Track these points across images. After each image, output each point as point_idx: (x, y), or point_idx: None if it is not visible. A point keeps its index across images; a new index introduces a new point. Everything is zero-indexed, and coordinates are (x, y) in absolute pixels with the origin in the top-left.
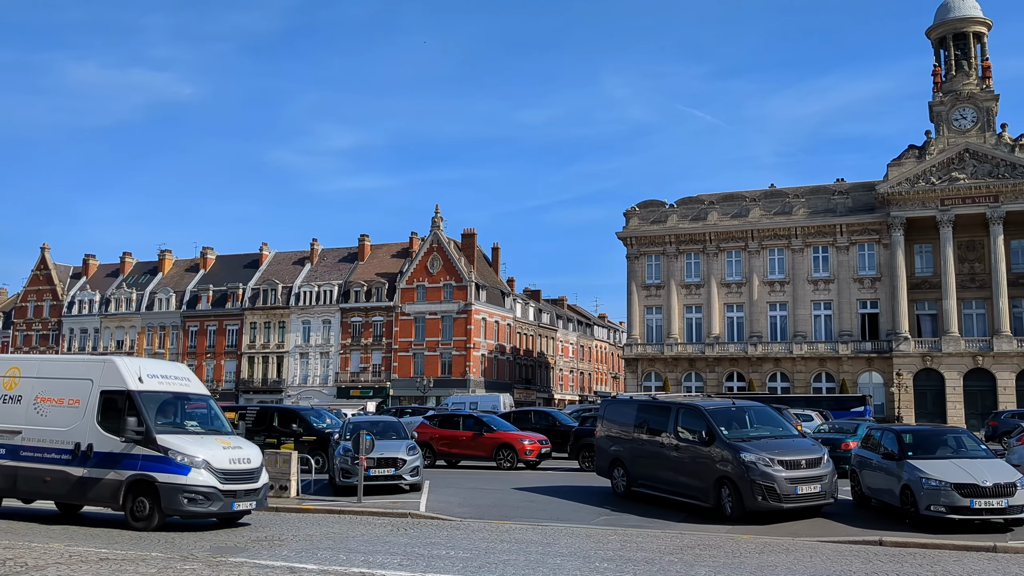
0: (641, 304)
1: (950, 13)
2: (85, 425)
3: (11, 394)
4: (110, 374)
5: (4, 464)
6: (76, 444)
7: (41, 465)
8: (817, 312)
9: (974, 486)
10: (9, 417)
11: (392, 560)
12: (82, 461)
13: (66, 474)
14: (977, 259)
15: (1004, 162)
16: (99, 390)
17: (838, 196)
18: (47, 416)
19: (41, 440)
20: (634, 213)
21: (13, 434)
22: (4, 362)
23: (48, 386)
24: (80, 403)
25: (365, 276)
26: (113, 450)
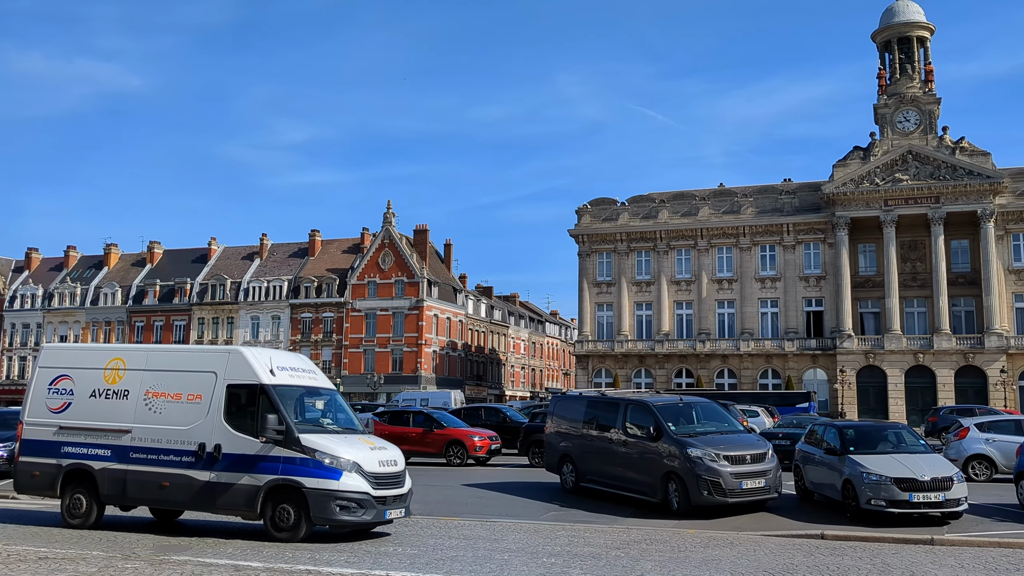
0: (592, 301)
1: (895, 17)
2: (210, 423)
3: (115, 388)
4: (237, 366)
5: (110, 467)
6: (200, 444)
7: (157, 468)
8: (764, 310)
9: (913, 480)
10: (114, 414)
11: (339, 557)
12: (208, 464)
13: (189, 478)
14: (919, 259)
15: (945, 164)
16: (225, 384)
17: (785, 196)
18: (162, 413)
19: (156, 440)
20: (586, 211)
21: (120, 433)
22: (105, 352)
23: (161, 379)
24: (202, 398)
25: (316, 272)
26: (247, 451)
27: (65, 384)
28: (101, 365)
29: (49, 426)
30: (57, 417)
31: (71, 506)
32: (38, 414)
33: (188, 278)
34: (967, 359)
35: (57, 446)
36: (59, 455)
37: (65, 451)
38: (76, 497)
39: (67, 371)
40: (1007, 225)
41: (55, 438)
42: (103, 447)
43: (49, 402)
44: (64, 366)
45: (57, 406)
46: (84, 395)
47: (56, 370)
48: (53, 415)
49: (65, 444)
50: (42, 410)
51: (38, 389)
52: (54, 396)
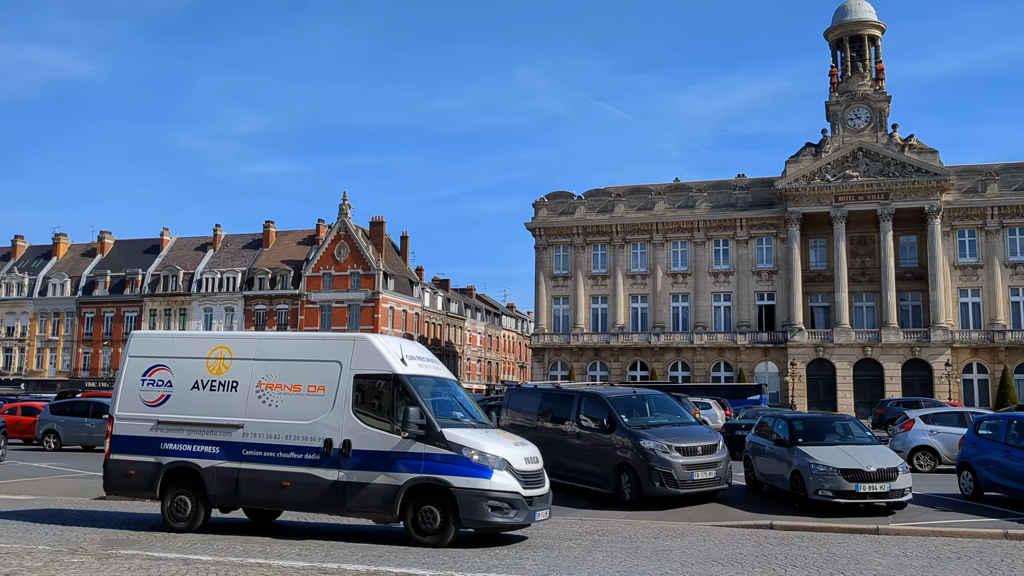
0: (549, 294)
1: (847, 16)
2: (336, 417)
3: (221, 379)
4: (366, 355)
5: (219, 466)
6: (326, 440)
7: (275, 467)
8: (717, 304)
9: (859, 471)
10: (222, 408)
11: (291, 550)
12: (336, 461)
13: (314, 478)
14: (868, 254)
15: (894, 161)
16: (352, 374)
17: (739, 191)
18: (279, 406)
19: (273, 436)
20: (543, 204)
21: (230, 428)
22: (206, 340)
23: (276, 369)
24: (326, 390)
25: (270, 263)
26: (381, 448)
27: (161, 375)
28: (203, 354)
29: (145, 421)
30: (154, 411)
31: (174, 508)
32: (131, 407)
33: (140, 269)
34: (913, 352)
35: (155, 442)
36: (158, 452)
37: (165, 448)
38: (180, 498)
39: (163, 361)
40: (953, 222)
41: (153, 434)
42: (210, 443)
43: (144, 394)
44: (159, 355)
45: (154, 399)
46: (185, 387)
47: (149, 360)
48: (149, 408)
49: (165, 440)
50: (136, 403)
51: (129, 380)
52: (149, 388)
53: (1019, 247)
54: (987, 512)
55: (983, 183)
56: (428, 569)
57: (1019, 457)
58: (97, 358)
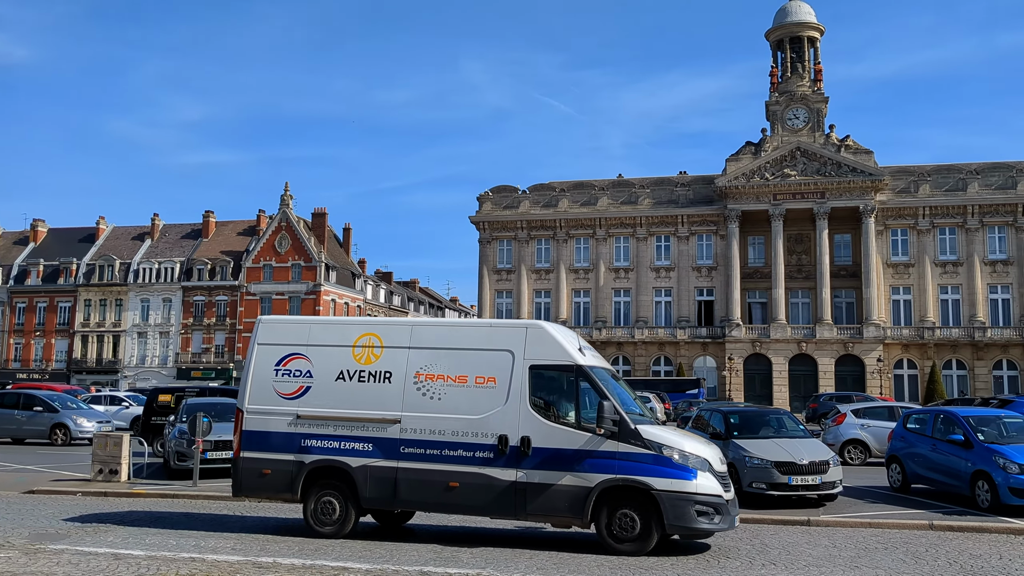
0: (492, 288)
1: (787, 17)
2: (511, 412)
3: (371, 369)
4: (541, 344)
5: (374, 465)
6: (501, 437)
7: (440, 466)
8: (658, 299)
9: (792, 464)
10: (374, 401)
11: (225, 544)
12: (513, 460)
13: (487, 478)
14: (804, 251)
15: (831, 161)
16: (527, 365)
17: (680, 188)
18: (442, 399)
19: (437, 432)
20: (487, 198)
21: (385, 423)
22: (352, 327)
23: (436, 359)
24: (497, 382)
25: (209, 254)
26: (566, 446)
27: (299, 364)
28: (348, 342)
29: (281, 415)
30: (292, 404)
31: (319, 511)
32: (264, 400)
33: (74, 258)
34: (847, 348)
35: (295, 439)
36: (299, 450)
37: (307, 445)
38: (326, 501)
39: (299, 349)
40: (886, 221)
41: (292, 429)
42: (362, 440)
43: (279, 386)
44: (294, 343)
45: (291, 391)
46: (328, 377)
47: (282, 348)
48: (286, 401)
49: (307, 436)
50: (269, 395)
51: (260, 370)
52: (285, 379)
53: (949, 246)
54: (914, 504)
55: (915, 184)
56: (364, 563)
57: (945, 451)
58: (29, 349)
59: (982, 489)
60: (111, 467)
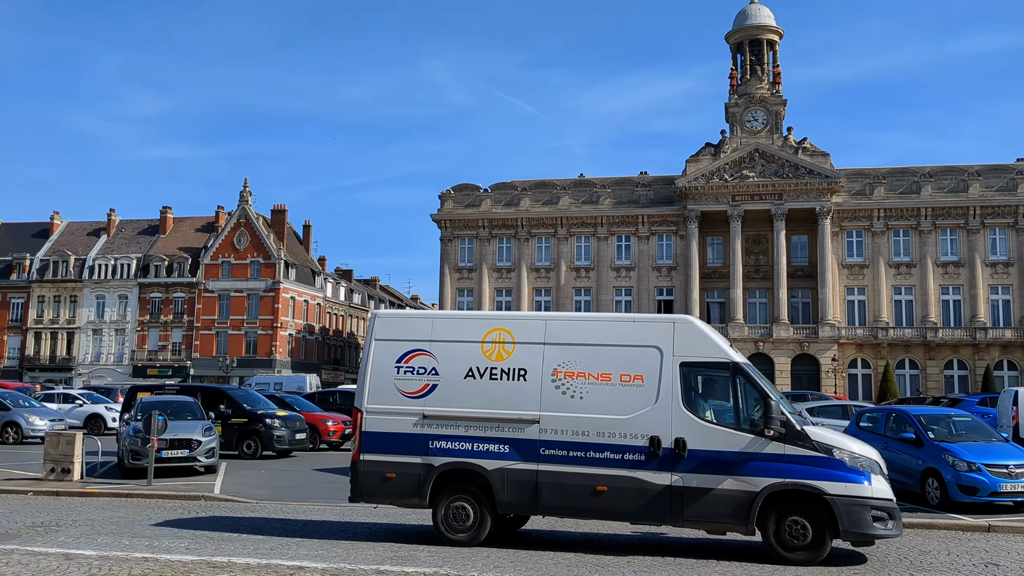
0: (453, 286)
1: (747, 20)
2: (662, 411)
3: (503, 366)
4: (692, 340)
5: (512, 467)
6: (652, 438)
7: (586, 469)
8: (618, 298)
9: None
10: (509, 399)
11: (179, 544)
12: (667, 463)
13: (639, 482)
14: (762, 252)
15: (788, 163)
16: (677, 362)
17: (641, 188)
18: (584, 398)
19: (581, 432)
20: (449, 196)
21: (522, 424)
22: (480, 321)
23: (575, 356)
24: (644, 380)
25: (167, 250)
26: (725, 448)
27: (422, 361)
28: (476, 337)
29: (406, 415)
30: (417, 403)
31: (452, 517)
32: (385, 399)
33: (27, 253)
34: (803, 348)
35: (422, 440)
36: (426, 452)
37: (436, 447)
38: (459, 506)
39: (422, 345)
40: (842, 222)
41: (418, 430)
42: (498, 441)
43: (401, 384)
44: (415, 339)
45: (416, 389)
46: (456, 375)
47: (403, 343)
48: (411, 400)
49: (435, 438)
50: (391, 394)
51: (380, 367)
52: (408, 376)
53: (902, 248)
54: None
55: (871, 186)
56: (320, 562)
57: (897, 449)
58: None
59: (932, 486)
60: (63, 466)
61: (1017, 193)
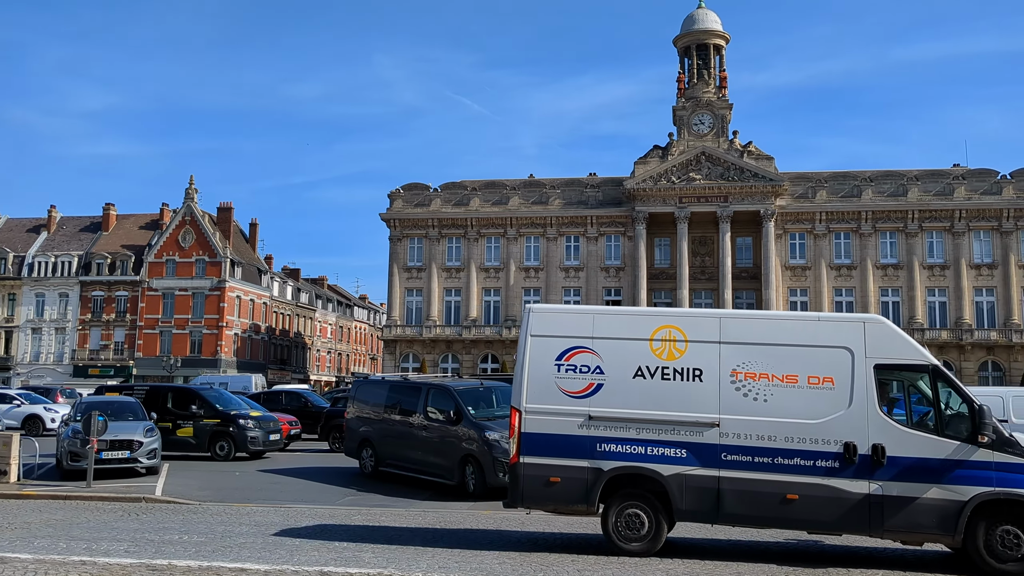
0: (402, 286)
1: (694, 25)
2: (856, 416)
3: (676, 366)
4: (886, 341)
5: (690, 473)
6: (847, 444)
7: (773, 475)
8: (567, 298)
9: None
10: (683, 401)
11: (118, 547)
12: (864, 470)
13: (833, 490)
14: (708, 253)
15: (734, 166)
16: (871, 364)
17: (590, 189)
18: (768, 401)
19: (767, 437)
20: (398, 195)
21: (701, 427)
22: (647, 318)
23: (755, 356)
24: (835, 382)
25: (109, 248)
26: (928, 455)
27: (585, 359)
28: (644, 335)
29: (569, 416)
30: (582, 403)
31: (624, 525)
32: (546, 399)
33: None
34: None
35: (589, 443)
36: (594, 455)
37: (604, 450)
38: (632, 513)
39: (583, 342)
40: (785, 225)
41: (584, 432)
42: (674, 445)
43: (562, 382)
44: (576, 335)
45: (579, 388)
46: (623, 374)
47: (562, 340)
48: (574, 400)
49: (603, 440)
50: (552, 393)
51: (538, 365)
52: (570, 375)
53: (843, 251)
54: None
55: (813, 189)
56: (263, 564)
57: None
58: None
59: None
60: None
61: (954, 198)
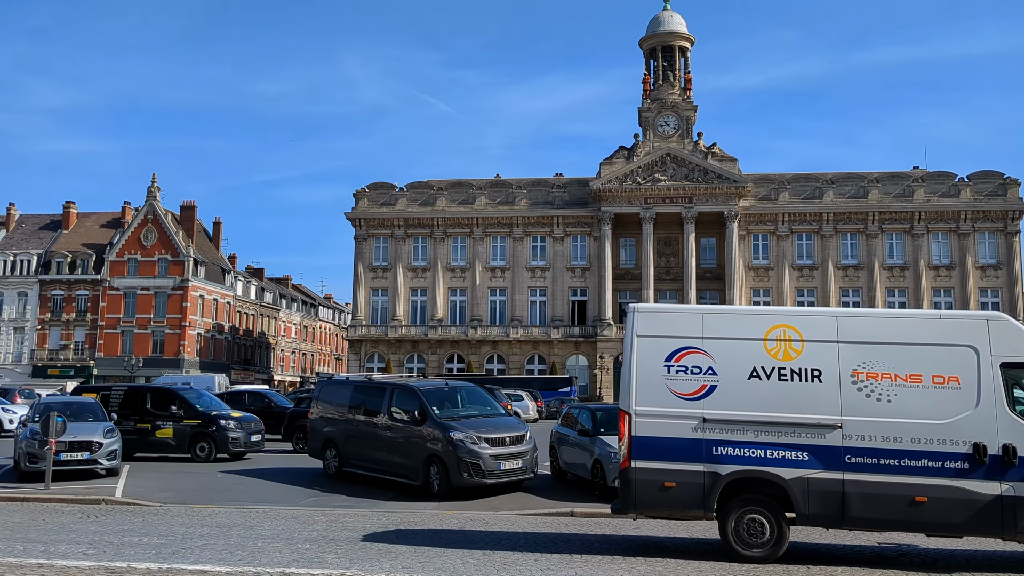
0: (367, 286)
1: (660, 27)
2: (984, 416)
3: (792, 366)
4: (1011, 339)
5: (813, 476)
6: (976, 445)
7: (900, 478)
8: (533, 298)
9: None
10: (802, 402)
11: (76, 549)
12: (995, 471)
13: (963, 491)
14: (672, 254)
15: (698, 168)
16: (997, 362)
17: (556, 190)
18: (892, 401)
19: (892, 439)
20: (364, 194)
21: (822, 429)
22: (759, 317)
23: (875, 355)
24: (960, 382)
25: (70, 246)
26: None
27: (696, 360)
28: (757, 334)
29: (682, 418)
30: (695, 405)
31: (745, 530)
32: (656, 401)
33: None
34: None
35: (704, 446)
36: (710, 459)
37: (721, 453)
38: (753, 518)
39: (693, 342)
40: (749, 226)
41: (698, 435)
42: (794, 448)
43: (673, 384)
44: (684, 335)
45: (691, 390)
46: (737, 375)
47: (670, 340)
48: (686, 402)
49: (719, 443)
50: (662, 395)
51: (647, 365)
52: (680, 376)
53: (805, 251)
54: None
55: (776, 191)
56: (224, 566)
57: None
58: None
59: None
60: None
61: (913, 199)
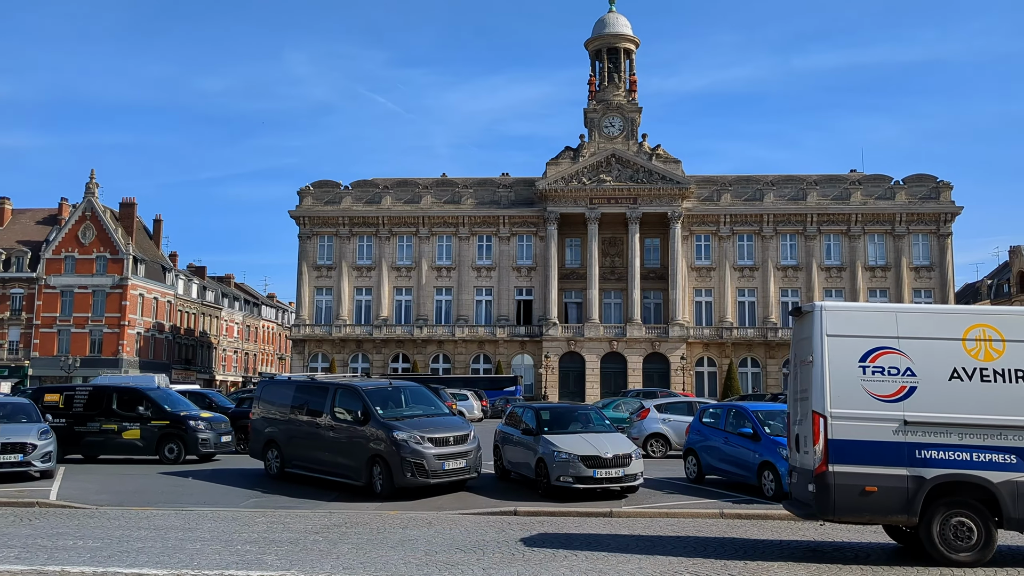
0: (311, 285)
1: (605, 29)
2: None
3: (994, 367)
4: None
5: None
6: None
7: None
8: (479, 298)
9: (597, 457)
10: (1007, 404)
11: (8, 553)
12: None
13: None
14: (617, 254)
15: (643, 169)
16: None
17: (503, 189)
18: None
19: None
20: (308, 192)
21: None
22: (957, 317)
23: None
24: None
25: (4, 243)
26: None
27: (892, 360)
28: (955, 335)
29: (882, 420)
30: (894, 407)
31: (951, 534)
32: (852, 403)
33: None
34: (654, 347)
35: (906, 449)
36: (912, 462)
37: (924, 456)
38: (959, 522)
39: (888, 343)
40: (692, 227)
41: (899, 437)
42: (1001, 451)
43: (869, 385)
44: (878, 335)
45: (890, 392)
46: (937, 376)
47: (864, 340)
48: (885, 404)
49: (922, 447)
50: (858, 397)
51: (839, 367)
52: (877, 377)
53: (746, 252)
54: (708, 494)
55: (718, 192)
56: (161, 568)
57: (736, 443)
58: None
59: (767, 479)
60: None
61: (850, 202)
